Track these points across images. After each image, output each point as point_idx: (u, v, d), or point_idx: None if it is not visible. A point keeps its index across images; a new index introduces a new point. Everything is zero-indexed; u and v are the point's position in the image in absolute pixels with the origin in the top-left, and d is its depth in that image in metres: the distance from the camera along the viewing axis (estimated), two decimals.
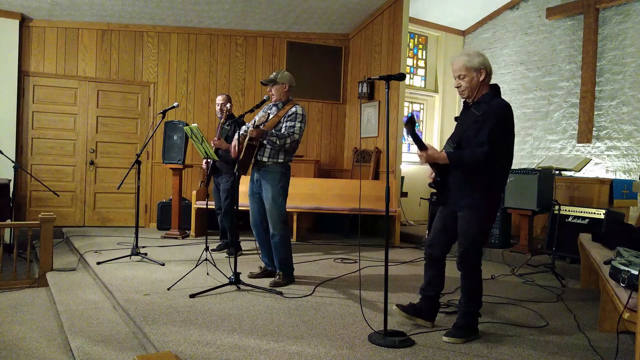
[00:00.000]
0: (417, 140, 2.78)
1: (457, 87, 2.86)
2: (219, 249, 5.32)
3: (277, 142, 3.85)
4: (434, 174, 2.88)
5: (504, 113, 2.76)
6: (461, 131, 2.84)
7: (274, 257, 4.05)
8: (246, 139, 3.85)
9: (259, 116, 4.17)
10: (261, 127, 3.93)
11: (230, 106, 5.20)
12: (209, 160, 5.12)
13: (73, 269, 4.73)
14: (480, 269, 2.88)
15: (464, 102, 2.94)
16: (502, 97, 2.88)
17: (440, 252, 2.96)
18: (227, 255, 5.06)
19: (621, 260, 2.60)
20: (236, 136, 3.88)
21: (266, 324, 2.97)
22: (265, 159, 3.93)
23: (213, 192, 5.45)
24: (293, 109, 3.97)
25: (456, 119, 3.00)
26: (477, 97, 2.82)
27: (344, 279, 4.25)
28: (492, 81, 2.93)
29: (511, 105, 2.91)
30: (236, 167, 3.88)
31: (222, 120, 5.15)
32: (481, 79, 2.79)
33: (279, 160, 3.95)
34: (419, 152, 2.80)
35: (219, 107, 5.29)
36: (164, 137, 6.20)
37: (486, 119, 2.71)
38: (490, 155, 2.67)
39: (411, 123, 2.80)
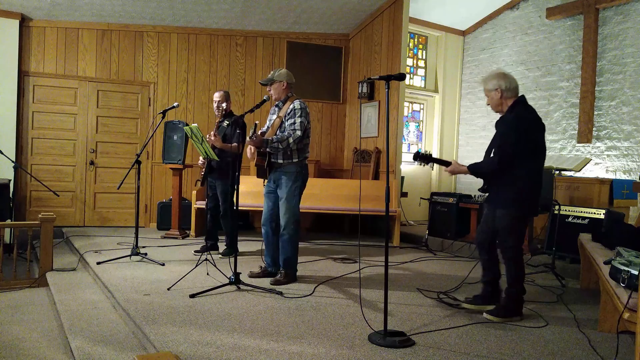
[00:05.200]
0: (439, 161, 3.33)
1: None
2: (202, 250, 5.05)
3: (280, 146, 3.85)
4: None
5: (513, 124, 3.18)
6: (493, 145, 3.36)
7: (280, 255, 4.04)
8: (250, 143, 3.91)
9: (268, 120, 4.17)
10: (262, 131, 3.96)
11: (228, 104, 5.12)
12: (208, 159, 5.10)
13: (73, 269, 4.73)
14: (518, 259, 3.24)
15: None
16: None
17: (482, 238, 3.43)
18: (221, 256, 5.00)
19: (621, 260, 2.61)
20: (248, 140, 3.88)
21: (266, 324, 2.97)
22: (280, 161, 3.95)
23: (207, 191, 5.34)
24: (292, 105, 3.96)
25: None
26: (504, 111, 3.32)
27: (344, 279, 4.24)
28: None
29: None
30: (256, 174, 3.97)
31: (219, 119, 5.12)
32: (498, 96, 3.27)
33: (294, 160, 3.95)
34: (445, 168, 3.36)
35: (216, 105, 5.13)
36: (164, 137, 6.20)
37: (502, 132, 3.23)
38: (501, 163, 3.16)
39: (417, 156, 3.31)
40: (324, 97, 7.94)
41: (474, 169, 3.31)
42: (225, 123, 5.04)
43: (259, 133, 3.97)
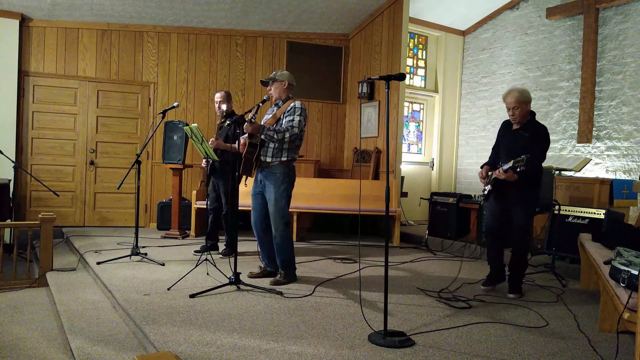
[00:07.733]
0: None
1: (512, 116, 3.77)
2: (202, 250, 5.03)
3: (275, 136, 3.78)
4: (488, 183, 3.86)
5: (546, 134, 3.72)
6: (518, 148, 3.66)
7: (277, 258, 4.04)
8: (246, 138, 3.85)
9: (263, 120, 4.14)
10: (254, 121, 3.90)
11: (229, 104, 5.11)
12: (208, 159, 5.09)
13: (73, 269, 4.73)
14: (527, 248, 3.86)
15: (505, 123, 3.93)
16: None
17: (495, 226, 3.90)
18: (221, 256, 5.00)
19: (621, 260, 2.60)
20: (246, 124, 3.83)
21: (266, 324, 2.97)
22: (268, 159, 3.90)
23: (209, 191, 5.33)
24: (292, 104, 3.95)
25: (501, 137, 3.94)
26: (522, 122, 3.76)
27: (344, 279, 4.25)
28: (493, 82, 3.69)
29: None
30: (240, 168, 3.87)
31: (221, 119, 5.10)
32: (528, 109, 3.74)
33: (283, 159, 3.91)
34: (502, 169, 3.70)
35: (217, 105, 5.14)
36: (164, 137, 6.19)
37: (535, 139, 3.67)
38: (540, 166, 3.74)
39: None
40: (324, 97, 7.94)
41: (526, 173, 3.61)
42: (227, 123, 5.03)
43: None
